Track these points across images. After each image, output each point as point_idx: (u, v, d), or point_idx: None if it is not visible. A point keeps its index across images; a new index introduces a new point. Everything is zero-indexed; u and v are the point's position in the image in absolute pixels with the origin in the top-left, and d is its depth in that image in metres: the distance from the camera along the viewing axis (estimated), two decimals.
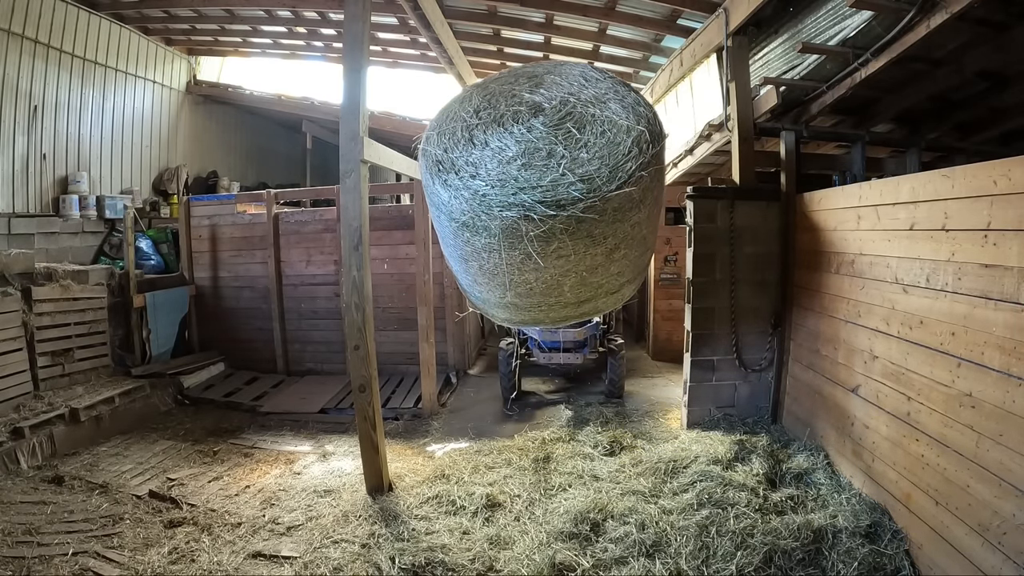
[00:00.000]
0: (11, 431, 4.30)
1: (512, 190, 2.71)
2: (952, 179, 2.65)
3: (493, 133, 2.93)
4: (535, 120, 2.92)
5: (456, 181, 2.84)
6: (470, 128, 2.97)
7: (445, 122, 3.11)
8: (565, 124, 2.88)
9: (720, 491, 3.35)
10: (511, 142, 2.86)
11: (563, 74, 3.18)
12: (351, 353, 3.69)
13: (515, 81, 3.23)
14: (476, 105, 3.10)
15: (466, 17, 6.83)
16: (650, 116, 2.97)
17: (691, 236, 4.49)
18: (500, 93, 3.14)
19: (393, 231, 6.51)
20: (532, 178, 2.73)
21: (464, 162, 2.87)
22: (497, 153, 2.84)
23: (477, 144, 2.90)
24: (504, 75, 3.34)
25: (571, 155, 2.78)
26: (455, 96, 3.30)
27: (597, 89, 3.08)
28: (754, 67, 4.89)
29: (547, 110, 2.96)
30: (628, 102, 2.99)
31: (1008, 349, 2.27)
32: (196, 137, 9.74)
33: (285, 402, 5.90)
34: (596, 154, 2.78)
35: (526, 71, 3.33)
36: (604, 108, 2.96)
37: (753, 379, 4.53)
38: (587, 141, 2.81)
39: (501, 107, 3.04)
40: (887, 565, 2.75)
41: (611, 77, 3.20)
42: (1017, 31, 3.73)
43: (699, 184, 5.04)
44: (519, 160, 2.78)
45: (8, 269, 5.12)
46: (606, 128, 2.86)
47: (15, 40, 6.37)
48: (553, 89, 3.09)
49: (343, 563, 2.96)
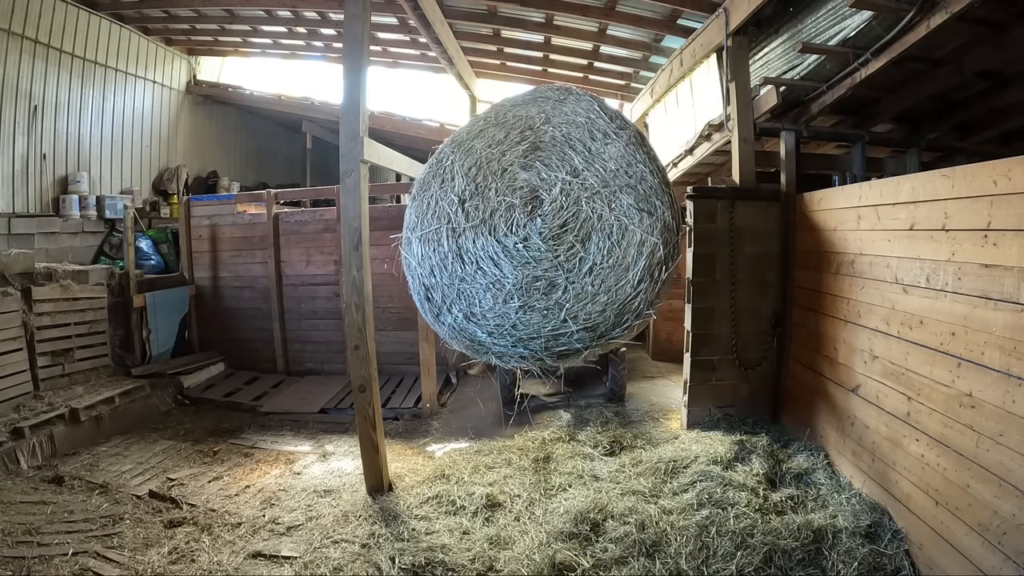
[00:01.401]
0: (11, 431, 4.30)
1: (511, 340, 2.51)
2: (952, 179, 2.65)
3: (484, 245, 2.57)
4: (532, 226, 2.55)
5: (450, 319, 2.61)
6: (457, 233, 2.61)
7: (427, 215, 2.72)
8: (567, 237, 2.52)
9: (720, 491, 3.35)
10: (507, 266, 2.54)
11: (566, 120, 2.79)
12: (351, 353, 3.69)
13: (505, 138, 2.79)
14: (460, 188, 2.69)
15: (466, 17, 6.84)
16: (667, 210, 2.59)
17: (691, 236, 4.49)
18: (487, 162, 2.73)
19: (393, 231, 6.49)
20: (532, 324, 2.49)
21: (456, 292, 2.57)
22: (492, 284, 2.53)
23: (467, 262, 2.58)
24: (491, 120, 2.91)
25: (574, 291, 2.47)
26: (432, 164, 2.87)
27: (607, 157, 2.64)
28: (754, 67, 4.89)
29: (546, 207, 2.57)
30: (644, 187, 2.58)
31: (1008, 349, 2.27)
32: (196, 137, 9.74)
33: (285, 402, 5.90)
34: (602, 286, 2.48)
35: (519, 114, 2.89)
36: (614, 201, 2.54)
37: (753, 379, 4.53)
38: (593, 264, 2.49)
39: (491, 196, 2.64)
40: (887, 565, 2.75)
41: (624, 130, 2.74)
42: (1017, 31, 3.73)
43: (699, 184, 5.04)
44: (517, 299, 2.49)
45: (8, 269, 5.12)
46: (615, 243, 2.49)
47: (15, 40, 6.37)
48: (552, 156, 2.68)
49: (343, 563, 2.96)
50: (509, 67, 8.78)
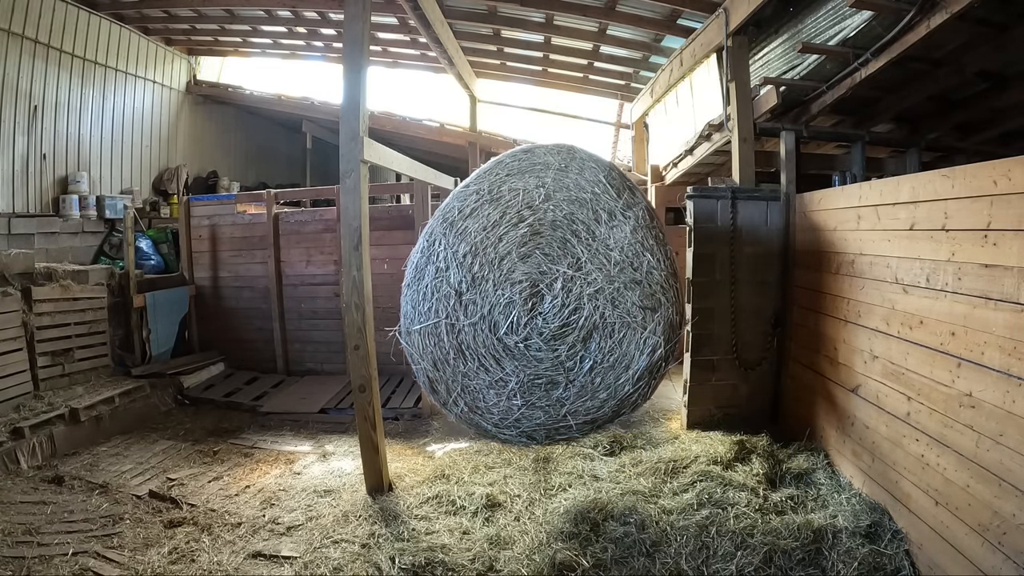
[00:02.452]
0: (11, 431, 4.30)
1: (515, 431, 2.58)
2: (952, 179, 2.65)
3: (485, 342, 2.54)
4: (533, 325, 2.51)
5: (456, 410, 2.66)
6: (456, 329, 2.57)
7: (423, 307, 2.64)
8: (568, 337, 2.49)
9: (720, 491, 3.35)
10: (508, 364, 2.52)
11: (569, 197, 2.60)
12: (351, 353, 3.69)
13: (501, 218, 2.62)
14: (456, 280, 2.59)
15: (466, 17, 6.84)
16: (672, 306, 2.54)
17: (691, 236, 4.49)
18: (483, 248, 2.59)
19: (393, 231, 6.50)
20: (535, 419, 2.55)
21: (460, 387, 2.58)
22: (495, 381, 2.55)
23: (469, 359, 2.56)
24: (485, 195, 2.70)
25: (575, 389, 2.51)
26: (424, 247, 2.73)
27: (612, 245, 2.51)
28: (754, 67, 4.89)
29: (546, 304, 2.51)
30: (651, 282, 2.50)
31: (1008, 349, 2.27)
32: (196, 137, 9.74)
33: (285, 402, 5.90)
34: (602, 383, 2.50)
35: (516, 188, 2.67)
36: (618, 299, 2.47)
37: (753, 379, 4.53)
38: (593, 363, 2.49)
39: (489, 290, 2.55)
40: (887, 565, 2.75)
41: (633, 208, 2.57)
42: (1017, 31, 3.73)
43: (699, 184, 5.05)
44: (519, 397, 2.53)
45: (8, 269, 5.12)
46: (616, 343, 2.47)
47: (15, 40, 6.37)
48: (554, 244, 2.55)
49: (343, 563, 2.96)
50: (509, 67, 8.78)
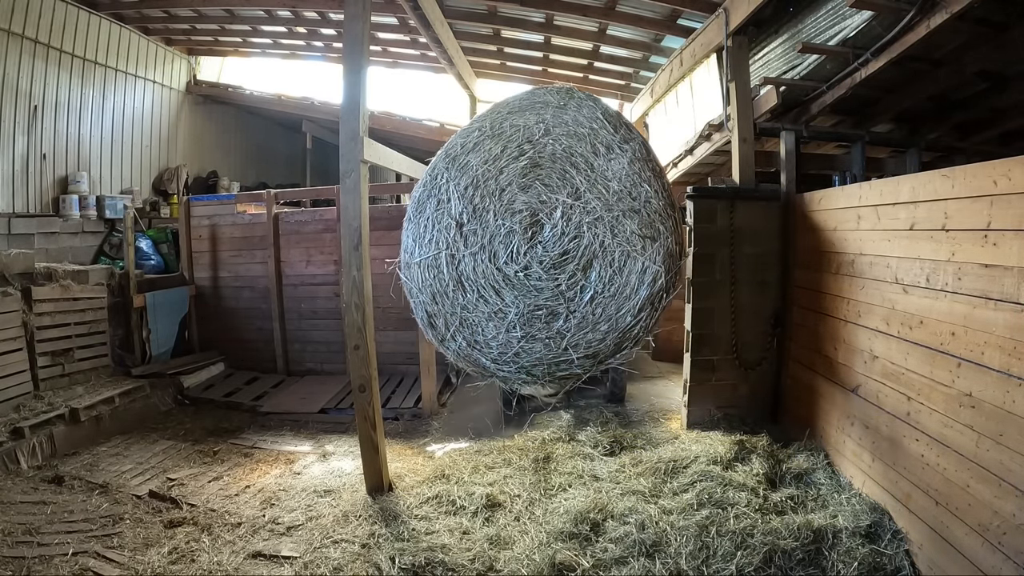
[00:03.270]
0: (11, 431, 4.30)
1: (514, 367, 2.58)
2: (952, 179, 2.65)
3: (485, 272, 2.56)
4: (533, 254, 2.52)
5: (454, 346, 2.66)
6: (456, 260, 2.58)
7: (424, 240, 2.66)
8: (568, 265, 2.50)
9: (720, 491, 3.35)
10: (508, 295, 2.53)
11: (568, 132, 2.66)
12: (351, 353, 3.69)
13: (502, 152, 2.66)
14: (457, 211, 2.60)
15: (466, 17, 6.84)
16: (671, 235, 2.55)
17: (691, 236, 4.49)
18: (484, 180, 2.62)
19: (393, 231, 6.42)
20: (535, 352, 2.55)
21: (459, 320, 2.58)
22: (494, 313, 2.55)
23: (469, 290, 2.57)
24: (487, 130, 2.75)
25: (576, 320, 2.51)
26: (426, 181, 2.75)
27: (611, 176, 2.55)
28: (754, 67, 4.89)
29: (546, 232, 2.53)
30: (649, 210, 2.52)
31: (1008, 349, 2.27)
32: (196, 137, 9.74)
33: (285, 402, 5.90)
34: (603, 314, 2.51)
35: (517, 124, 2.73)
36: (617, 227, 2.49)
37: (753, 379, 4.53)
38: (594, 292, 2.50)
39: (489, 220, 2.58)
40: (887, 565, 2.75)
41: (629, 142, 2.63)
42: (1017, 31, 3.73)
43: (699, 184, 5.04)
44: (519, 329, 2.53)
45: (8, 269, 5.12)
46: (616, 271, 2.49)
47: (15, 40, 6.37)
48: (553, 174, 2.59)
49: (343, 563, 2.96)
50: (509, 67, 8.78)
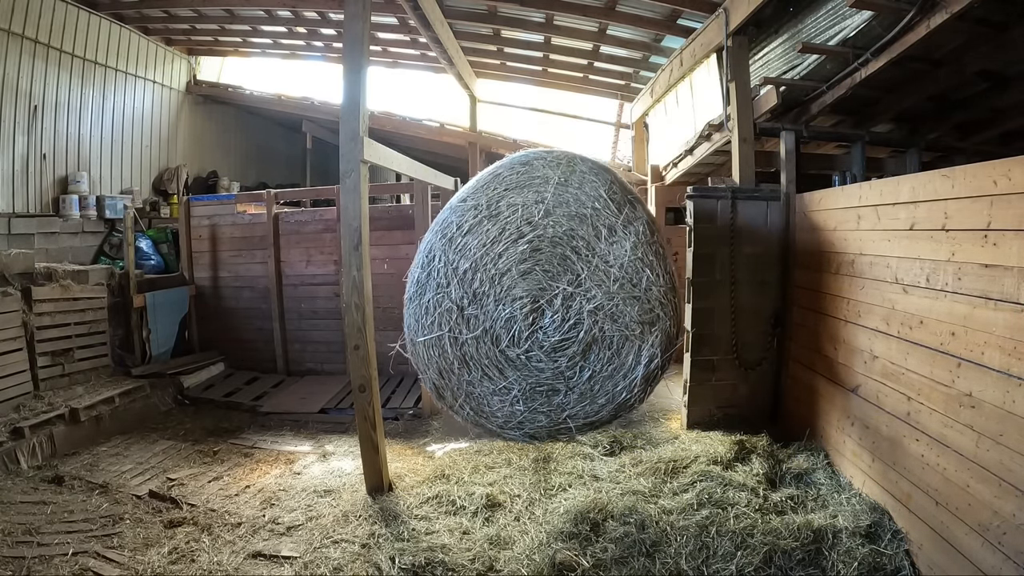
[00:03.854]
0: (11, 431, 4.30)
1: (519, 432, 2.74)
2: (952, 179, 2.65)
3: (488, 353, 2.63)
4: (534, 338, 2.59)
5: (463, 414, 2.83)
6: (460, 342, 2.65)
7: (426, 321, 2.70)
8: (568, 349, 2.59)
9: (720, 491, 3.35)
10: (511, 374, 2.64)
11: (569, 213, 2.61)
12: (351, 353, 3.69)
13: (501, 234, 2.63)
14: (457, 296, 2.63)
15: (466, 17, 6.84)
16: (670, 320, 2.62)
17: (691, 236, 4.49)
18: (483, 265, 2.62)
19: (393, 231, 6.50)
20: (537, 421, 2.70)
21: (465, 394, 2.70)
22: (499, 391, 2.68)
23: (473, 368, 2.66)
24: (483, 210, 2.69)
25: (575, 395, 2.65)
26: (423, 261, 2.75)
27: (612, 261, 2.56)
28: (754, 67, 4.89)
29: (547, 319, 2.59)
30: (650, 297, 2.56)
31: (1008, 349, 2.27)
32: (196, 137, 9.74)
33: (285, 402, 5.90)
34: (601, 390, 2.63)
35: (515, 203, 2.66)
36: (618, 315, 2.55)
37: (753, 379, 4.53)
38: (592, 372, 2.61)
39: (490, 305, 2.61)
40: (887, 565, 2.75)
41: (633, 223, 2.60)
42: (1017, 31, 3.73)
43: (699, 184, 5.05)
44: (522, 403, 2.66)
45: (8, 269, 5.12)
46: (615, 352, 2.58)
47: (15, 40, 6.37)
48: (554, 260, 2.59)
49: (343, 563, 2.96)
50: (509, 67, 8.78)
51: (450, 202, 2.86)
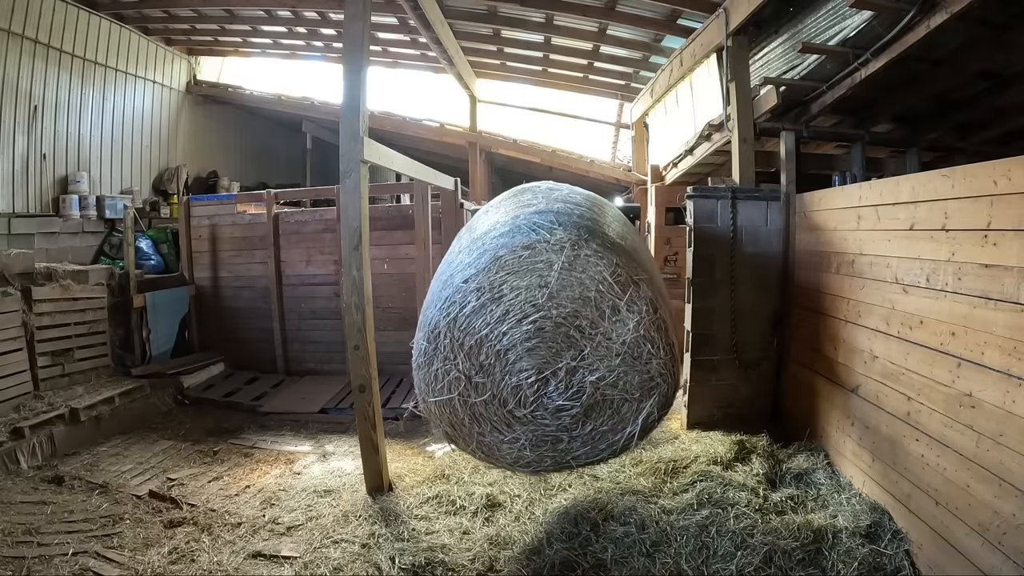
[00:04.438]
0: (11, 431, 4.30)
1: (527, 469, 2.98)
2: (952, 179, 2.65)
3: (496, 412, 2.81)
4: (539, 403, 2.77)
5: (473, 453, 3.01)
6: (469, 404, 2.81)
7: (435, 385, 2.80)
8: (571, 411, 2.77)
9: (720, 491, 3.35)
10: (519, 429, 2.82)
11: (573, 296, 2.65)
12: (351, 353, 3.70)
13: (505, 315, 2.69)
14: (465, 367, 2.74)
15: (466, 17, 6.84)
16: (669, 384, 2.77)
17: (691, 236, 4.49)
18: (488, 342, 2.71)
19: (393, 231, 6.51)
20: (544, 463, 2.91)
21: (476, 443, 2.90)
22: (508, 440, 2.86)
23: (483, 423, 2.85)
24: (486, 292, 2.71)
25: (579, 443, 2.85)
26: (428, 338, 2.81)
27: (615, 338, 2.67)
28: (754, 67, 4.89)
29: (551, 387, 2.75)
30: (651, 368, 2.68)
31: (1008, 349, 2.27)
32: (196, 137, 9.74)
33: (285, 402, 5.90)
34: (601, 439, 2.84)
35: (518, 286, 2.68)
36: (619, 383, 2.70)
37: (753, 379, 4.53)
38: (594, 426, 2.81)
39: (496, 375, 2.74)
40: (887, 565, 2.75)
41: (637, 303, 2.65)
42: (1017, 31, 3.72)
43: (699, 184, 5.05)
44: (529, 450, 2.86)
45: (8, 269, 5.12)
46: (615, 411, 2.77)
47: (15, 40, 6.37)
48: (558, 339, 2.68)
49: (343, 563, 2.96)
50: (509, 67, 8.79)
51: (453, 281, 2.79)
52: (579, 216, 2.89)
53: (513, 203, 3.24)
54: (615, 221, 3.26)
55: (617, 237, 2.90)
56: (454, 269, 2.88)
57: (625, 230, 3.29)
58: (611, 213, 3.38)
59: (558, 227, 2.71)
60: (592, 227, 2.80)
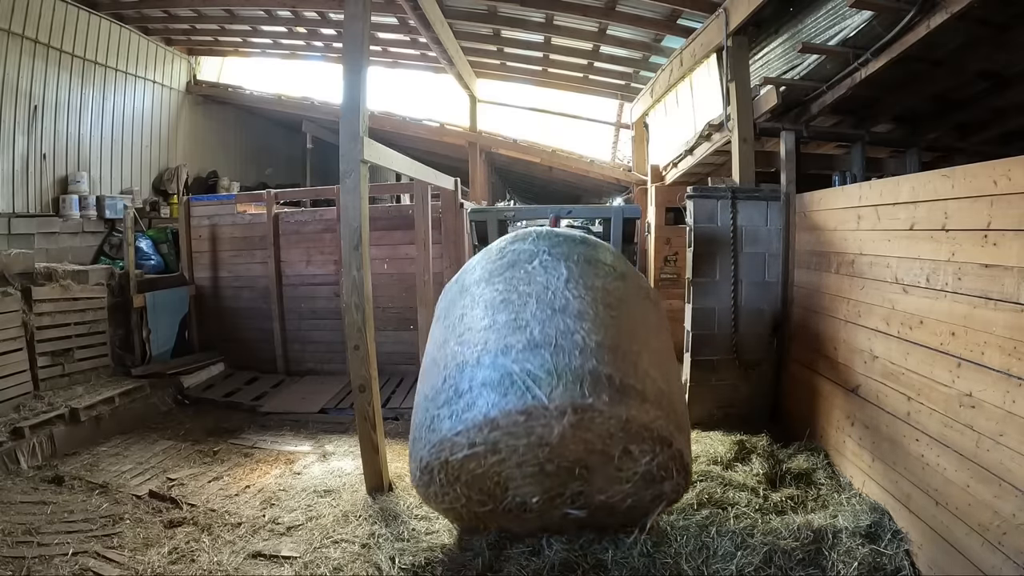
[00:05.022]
0: (11, 431, 4.29)
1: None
2: (952, 179, 2.65)
3: (500, 514, 2.88)
4: (544, 509, 2.79)
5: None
6: (472, 511, 2.94)
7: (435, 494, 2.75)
8: (578, 514, 2.84)
9: (720, 491, 3.35)
10: (522, 519, 2.90)
11: (577, 450, 2.52)
12: (351, 353, 3.69)
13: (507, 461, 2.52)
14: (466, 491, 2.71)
15: (466, 17, 6.84)
16: (680, 492, 2.76)
17: (691, 236, 4.49)
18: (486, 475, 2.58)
19: (393, 231, 6.51)
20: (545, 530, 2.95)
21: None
22: (513, 525, 2.98)
23: (486, 519, 2.94)
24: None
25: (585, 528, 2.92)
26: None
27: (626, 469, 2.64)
28: (754, 67, 4.89)
29: (557, 502, 2.80)
30: (665, 486, 2.67)
31: (1008, 349, 2.27)
32: (196, 137, 9.74)
33: (285, 402, 5.90)
34: (607, 525, 2.92)
35: (511, 445, 2.47)
36: (629, 497, 2.70)
37: (753, 379, 4.53)
38: (601, 520, 2.90)
39: (499, 496, 2.70)
40: (887, 565, 2.75)
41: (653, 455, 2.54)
42: (1017, 31, 3.72)
43: (699, 184, 5.05)
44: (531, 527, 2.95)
45: (8, 269, 5.12)
46: (623, 512, 2.82)
47: (15, 40, 6.37)
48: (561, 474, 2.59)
49: (343, 563, 2.96)
50: (509, 67, 8.79)
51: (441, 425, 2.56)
52: (583, 340, 2.51)
53: (502, 292, 2.82)
54: (619, 303, 2.86)
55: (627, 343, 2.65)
56: (443, 391, 2.62)
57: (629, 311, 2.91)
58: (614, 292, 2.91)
59: (556, 381, 2.37)
60: (597, 366, 2.44)
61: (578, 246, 3.07)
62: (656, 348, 2.89)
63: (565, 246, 3.03)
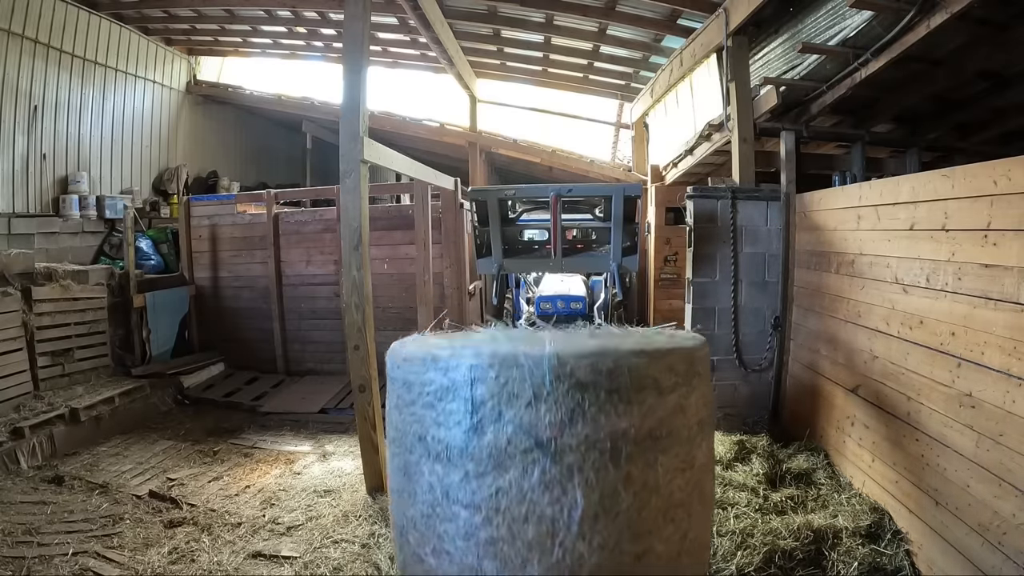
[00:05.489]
0: (11, 431, 4.30)
1: None
2: (952, 179, 2.65)
3: None
4: None
5: None
6: None
7: None
8: None
9: (720, 491, 3.35)
10: None
11: None
12: (351, 353, 3.70)
13: None
14: None
15: (466, 17, 6.84)
16: None
17: (691, 236, 4.49)
18: None
19: (393, 231, 6.51)
20: None
21: None
22: None
23: None
24: None
25: None
26: None
27: None
28: (754, 67, 4.89)
29: None
30: None
31: (1008, 349, 2.27)
32: (196, 137, 9.73)
33: (285, 402, 5.90)
34: None
35: None
36: None
37: (753, 379, 4.53)
38: None
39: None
40: (887, 565, 2.75)
41: None
42: (1017, 31, 3.72)
43: (699, 184, 5.05)
44: None
45: (8, 269, 5.12)
46: None
47: (15, 40, 6.37)
48: None
49: (343, 563, 2.96)
50: (509, 67, 8.78)
51: None
52: None
53: (485, 513, 1.91)
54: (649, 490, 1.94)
55: None
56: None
57: None
58: None
59: None
60: None
61: (606, 403, 1.86)
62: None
63: (584, 423, 1.84)
